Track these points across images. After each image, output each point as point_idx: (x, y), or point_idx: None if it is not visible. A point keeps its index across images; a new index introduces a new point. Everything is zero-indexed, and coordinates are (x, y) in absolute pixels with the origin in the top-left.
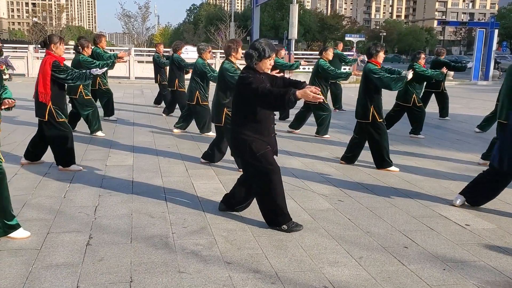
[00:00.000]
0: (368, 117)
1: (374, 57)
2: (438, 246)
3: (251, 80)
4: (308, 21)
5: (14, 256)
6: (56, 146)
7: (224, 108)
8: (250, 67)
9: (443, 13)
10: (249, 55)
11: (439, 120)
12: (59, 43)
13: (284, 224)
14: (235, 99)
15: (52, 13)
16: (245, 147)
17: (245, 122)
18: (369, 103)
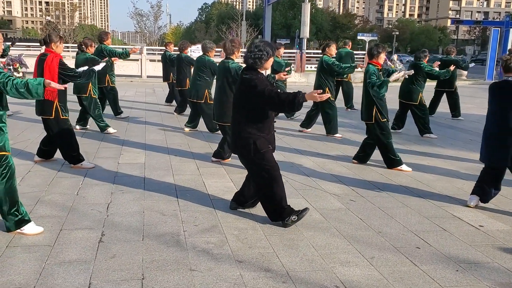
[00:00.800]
0: (371, 118)
1: (375, 58)
2: (451, 247)
3: (256, 82)
4: (320, 20)
5: (27, 252)
6: (61, 142)
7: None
8: (253, 68)
9: (457, 12)
10: (257, 57)
11: (452, 120)
12: (59, 42)
13: (291, 216)
14: (238, 98)
15: (65, 12)
16: (249, 145)
17: (248, 120)
18: (371, 103)
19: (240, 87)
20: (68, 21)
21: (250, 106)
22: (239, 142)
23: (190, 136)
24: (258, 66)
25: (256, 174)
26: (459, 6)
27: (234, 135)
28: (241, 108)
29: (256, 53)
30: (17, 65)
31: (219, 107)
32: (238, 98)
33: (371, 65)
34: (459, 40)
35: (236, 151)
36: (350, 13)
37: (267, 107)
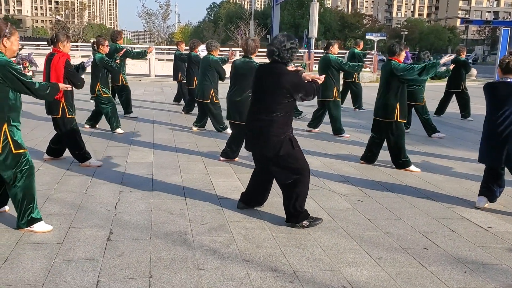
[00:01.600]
0: (392, 116)
1: (397, 55)
2: (459, 248)
3: (294, 75)
4: (329, 19)
5: (36, 249)
6: (67, 141)
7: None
8: (282, 61)
9: (466, 12)
10: (289, 49)
11: (461, 121)
12: (66, 41)
13: (305, 220)
14: (268, 94)
15: (75, 11)
16: (281, 143)
17: (279, 118)
18: (395, 101)
19: (274, 81)
20: (77, 20)
21: (284, 101)
22: (270, 140)
23: (198, 135)
24: (291, 60)
25: (283, 175)
26: (468, 6)
27: (260, 134)
28: (272, 104)
29: (292, 47)
30: (27, 64)
31: (236, 106)
32: (269, 94)
33: (394, 61)
34: (468, 40)
35: (260, 150)
36: (358, 12)
37: (301, 98)
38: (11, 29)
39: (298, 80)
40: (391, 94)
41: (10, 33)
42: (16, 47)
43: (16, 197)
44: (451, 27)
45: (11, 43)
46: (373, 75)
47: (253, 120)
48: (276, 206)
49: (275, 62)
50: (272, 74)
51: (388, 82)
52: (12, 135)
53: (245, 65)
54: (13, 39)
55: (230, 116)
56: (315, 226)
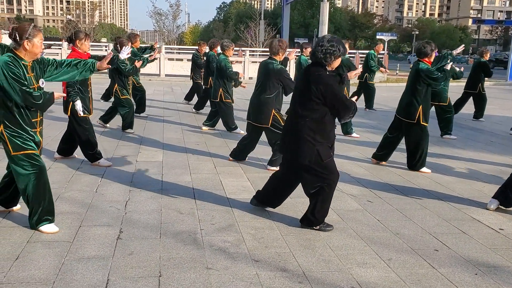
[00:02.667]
0: (414, 118)
1: (428, 57)
2: (470, 250)
3: (331, 81)
4: (339, 19)
5: (47, 248)
6: (80, 140)
7: (272, 109)
8: (321, 64)
9: (478, 11)
10: (328, 52)
11: (473, 121)
12: (84, 39)
13: (318, 225)
14: (303, 98)
15: (86, 10)
16: (312, 153)
17: (312, 124)
18: (418, 103)
19: (310, 85)
20: (88, 20)
21: (314, 106)
22: (301, 147)
23: (208, 134)
24: (327, 63)
25: (309, 184)
26: (480, 6)
27: (292, 138)
28: (307, 109)
29: (328, 48)
30: None
31: (256, 108)
32: (304, 100)
33: (423, 63)
34: (480, 40)
35: (290, 154)
36: (369, 12)
37: (335, 111)
38: (34, 30)
39: (331, 87)
40: (415, 96)
41: (32, 35)
42: (39, 50)
43: (26, 197)
44: (462, 26)
45: (32, 45)
46: (384, 76)
47: (288, 122)
48: (286, 206)
49: (313, 64)
50: (306, 76)
51: (413, 83)
52: (10, 137)
53: (265, 66)
54: (35, 41)
55: (248, 116)
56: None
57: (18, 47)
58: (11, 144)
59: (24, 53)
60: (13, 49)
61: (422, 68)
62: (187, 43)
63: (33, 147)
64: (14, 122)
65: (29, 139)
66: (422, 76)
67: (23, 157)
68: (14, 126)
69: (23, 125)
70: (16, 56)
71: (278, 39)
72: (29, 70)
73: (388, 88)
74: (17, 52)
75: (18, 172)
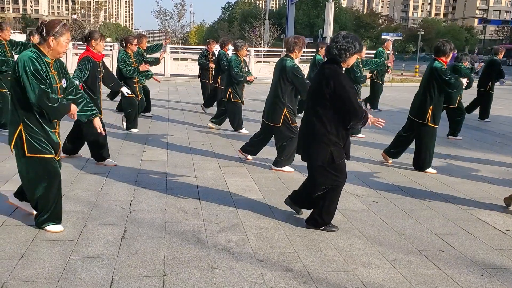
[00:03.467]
0: (424, 118)
1: (446, 56)
2: (476, 251)
3: (343, 80)
4: (344, 19)
5: (52, 246)
6: (89, 140)
7: (284, 108)
8: (336, 61)
9: (484, 12)
10: (343, 48)
11: (479, 122)
12: (100, 40)
13: (323, 226)
14: (317, 97)
15: (91, 10)
16: (325, 152)
17: (326, 124)
18: (428, 103)
19: (323, 80)
20: (93, 20)
21: (326, 104)
22: (312, 148)
23: (213, 134)
24: (342, 59)
25: (319, 182)
26: (486, 6)
27: (307, 139)
28: (321, 107)
29: (343, 44)
30: None
31: (270, 107)
32: (318, 97)
33: (438, 62)
34: (486, 40)
35: (303, 152)
36: (374, 12)
37: (343, 112)
38: (63, 29)
39: (342, 84)
40: (427, 96)
41: (60, 33)
42: (62, 50)
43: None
44: (468, 27)
45: (57, 44)
46: (389, 75)
47: (304, 122)
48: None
49: (328, 61)
50: (320, 72)
51: (426, 82)
52: (29, 137)
53: (280, 64)
54: (61, 40)
55: (262, 114)
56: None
57: (42, 42)
58: (28, 145)
59: (48, 50)
60: (36, 45)
61: (436, 67)
62: (192, 43)
63: (49, 151)
64: (34, 122)
65: (47, 142)
66: (435, 75)
67: (38, 160)
68: (35, 126)
69: (43, 125)
70: (40, 52)
71: (295, 36)
72: (51, 68)
73: (393, 88)
74: (40, 47)
75: (29, 176)
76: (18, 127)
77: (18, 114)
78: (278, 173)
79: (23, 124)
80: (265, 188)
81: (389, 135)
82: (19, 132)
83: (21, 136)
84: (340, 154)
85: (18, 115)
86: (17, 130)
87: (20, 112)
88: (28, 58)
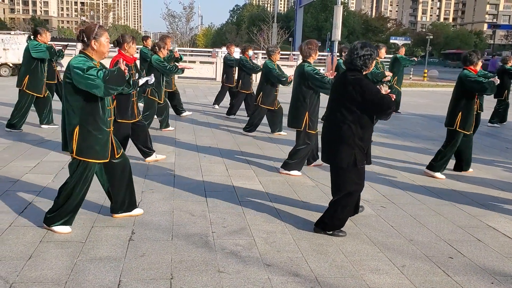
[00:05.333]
0: (452, 123)
1: (474, 65)
2: (486, 258)
3: (369, 85)
4: (352, 22)
5: (60, 248)
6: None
7: (306, 112)
8: (358, 69)
9: (494, 16)
10: (367, 57)
11: (488, 127)
12: (132, 42)
13: (332, 230)
14: (342, 102)
15: (100, 12)
16: (349, 155)
17: (351, 128)
18: (458, 108)
19: (348, 88)
20: (102, 22)
21: (358, 111)
22: (338, 150)
23: (220, 137)
24: (366, 68)
25: (339, 183)
26: (496, 10)
27: (331, 141)
28: (348, 111)
29: (365, 54)
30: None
31: (292, 112)
32: (343, 102)
33: (467, 70)
34: (495, 45)
35: (327, 158)
36: (382, 16)
37: (374, 113)
38: (100, 30)
39: (367, 85)
40: (457, 102)
41: (99, 34)
42: (106, 49)
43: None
44: (477, 31)
45: (100, 44)
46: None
47: (326, 128)
48: (298, 210)
49: (349, 70)
50: (343, 82)
51: (456, 89)
52: (81, 139)
53: (299, 69)
54: (102, 40)
55: (290, 123)
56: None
57: (86, 47)
58: (77, 146)
59: (93, 52)
60: (82, 51)
61: (466, 74)
62: (200, 45)
63: (95, 156)
64: (91, 123)
65: (99, 145)
66: (466, 82)
67: (80, 163)
68: (91, 126)
69: (99, 124)
70: (87, 57)
71: (306, 42)
72: None
73: (407, 92)
74: (86, 52)
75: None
76: (74, 130)
77: (74, 117)
78: (285, 177)
79: (79, 126)
80: (272, 191)
81: (397, 139)
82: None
83: (74, 136)
84: (362, 159)
85: (74, 118)
86: (74, 132)
87: (75, 116)
88: (78, 62)
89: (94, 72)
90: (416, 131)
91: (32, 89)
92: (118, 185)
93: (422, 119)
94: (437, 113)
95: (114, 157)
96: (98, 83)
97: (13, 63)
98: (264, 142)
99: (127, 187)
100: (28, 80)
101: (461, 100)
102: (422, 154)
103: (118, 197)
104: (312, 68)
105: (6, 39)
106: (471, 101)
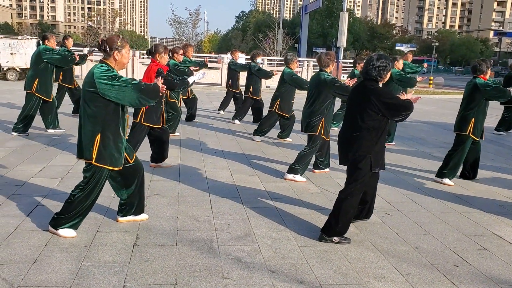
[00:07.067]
0: (465, 129)
1: (484, 74)
2: (492, 267)
3: (390, 93)
4: (358, 29)
5: (65, 252)
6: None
7: (322, 118)
8: (375, 79)
9: (500, 24)
10: (381, 68)
11: (494, 135)
12: (164, 53)
13: (336, 237)
14: (361, 110)
15: (106, 17)
16: (366, 157)
17: (371, 135)
18: (471, 116)
19: (367, 97)
20: (108, 27)
21: (372, 118)
22: (355, 152)
23: (225, 143)
24: (381, 78)
25: (350, 185)
26: (502, 18)
27: (349, 150)
28: (367, 117)
29: (380, 66)
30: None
31: (308, 117)
32: (362, 109)
33: (479, 78)
34: (501, 53)
35: (346, 159)
36: (388, 23)
37: (396, 118)
38: (123, 42)
39: (389, 97)
40: (470, 108)
41: (121, 46)
42: (127, 60)
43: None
44: (483, 39)
45: (121, 56)
46: None
47: (344, 135)
48: (303, 216)
49: (366, 79)
50: (360, 91)
51: (469, 97)
52: (102, 146)
53: (317, 78)
54: (124, 52)
55: (304, 128)
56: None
57: (108, 57)
58: (98, 153)
59: (114, 63)
60: (103, 60)
61: (480, 82)
62: (206, 51)
63: (114, 163)
64: (113, 130)
65: (118, 153)
66: (487, 90)
67: (97, 170)
68: (112, 134)
69: (120, 132)
70: (108, 66)
71: (325, 53)
72: None
73: None
74: (107, 61)
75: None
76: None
77: (95, 124)
78: (290, 183)
79: (100, 133)
80: (277, 197)
81: (402, 145)
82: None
83: (95, 144)
84: (377, 163)
85: (95, 125)
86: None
87: (97, 123)
88: (102, 71)
89: (123, 81)
90: (422, 138)
91: (41, 92)
92: (131, 189)
93: (427, 126)
94: (442, 120)
95: (128, 162)
96: (130, 92)
97: (20, 67)
98: (269, 147)
99: (139, 191)
100: (38, 83)
101: (474, 107)
102: (427, 160)
103: (129, 200)
104: (332, 77)
105: (13, 43)
106: (485, 108)
